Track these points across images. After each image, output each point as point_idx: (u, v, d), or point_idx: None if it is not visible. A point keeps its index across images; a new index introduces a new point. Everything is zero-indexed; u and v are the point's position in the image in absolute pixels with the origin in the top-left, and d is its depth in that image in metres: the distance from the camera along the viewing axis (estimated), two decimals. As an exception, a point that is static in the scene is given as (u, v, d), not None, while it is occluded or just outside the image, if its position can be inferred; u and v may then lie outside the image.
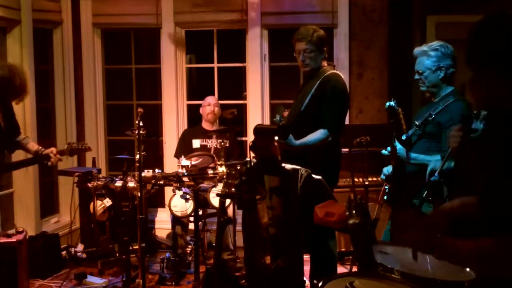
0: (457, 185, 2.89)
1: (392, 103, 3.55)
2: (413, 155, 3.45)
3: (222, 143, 4.85)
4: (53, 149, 4.18)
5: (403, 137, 3.53)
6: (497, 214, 1.55)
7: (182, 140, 5.49)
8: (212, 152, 5.17)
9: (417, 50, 3.52)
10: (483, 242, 1.54)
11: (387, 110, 3.57)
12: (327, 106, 3.73)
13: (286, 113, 4.01)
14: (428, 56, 3.43)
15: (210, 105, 5.40)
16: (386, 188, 3.73)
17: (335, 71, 3.89)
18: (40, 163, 4.38)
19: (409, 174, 3.49)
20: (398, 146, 3.47)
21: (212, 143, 5.38)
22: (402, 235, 1.83)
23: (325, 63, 3.90)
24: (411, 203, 3.36)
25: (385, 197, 3.69)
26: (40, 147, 4.21)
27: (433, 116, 3.38)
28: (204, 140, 5.41)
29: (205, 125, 5.42)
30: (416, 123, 3.51)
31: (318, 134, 3.72)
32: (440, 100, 3.45)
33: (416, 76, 3.51)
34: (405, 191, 3.46)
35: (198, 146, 5.36)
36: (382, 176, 3.65)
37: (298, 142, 3.66)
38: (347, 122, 4.41)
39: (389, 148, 3.50)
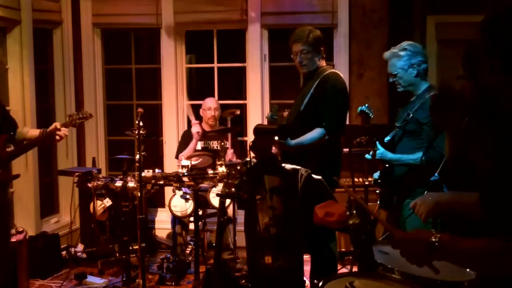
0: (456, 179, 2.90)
1: (364, 107, 3.58)
2: (395, 156, 3.47)
3: (223, 143, 4.85)
4: (57, 124, 4.00)
5: (385, 140, 3.56)
6: (498, 212, 1.54)
7: (183, 141, 5.48)
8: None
9: (387, 54, 3.59)
10: (482, 241, 1.53)
11: (360, 115, 3.61)
12: (326, 105, 3.72)
13: (286, 113, 4.01)
14: (398, 57, 3.50)
15: (210, 109, 5.34)
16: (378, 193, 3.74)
17: (334, 71, 3.88)
18: (49, 141, 4.21)
19: (398, 176, 3.50)
20: (380, 149, 3.48)
21: (214, 144, 5.37)
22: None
23: (323, 63, 3.88)
24: (401, 204, 3.38)
25: (378, 202, 3.70)
26: (41, 130, 4.05)
27: (411, 115, 3.42)
28: (205, 142, 5.40)
29: (205, 126, 5.42)
30: (396, 124, 3.54)
31: (314, 134, 3.72)
32: (417, 98, 3.50)
33: (391, 79, 3.56)
34: (395, 193, 3.48)
35: (200, 148, 5.35)
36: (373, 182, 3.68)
37: (293, 142, 3.66)
38: (347, 122, 4.40)
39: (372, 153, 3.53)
